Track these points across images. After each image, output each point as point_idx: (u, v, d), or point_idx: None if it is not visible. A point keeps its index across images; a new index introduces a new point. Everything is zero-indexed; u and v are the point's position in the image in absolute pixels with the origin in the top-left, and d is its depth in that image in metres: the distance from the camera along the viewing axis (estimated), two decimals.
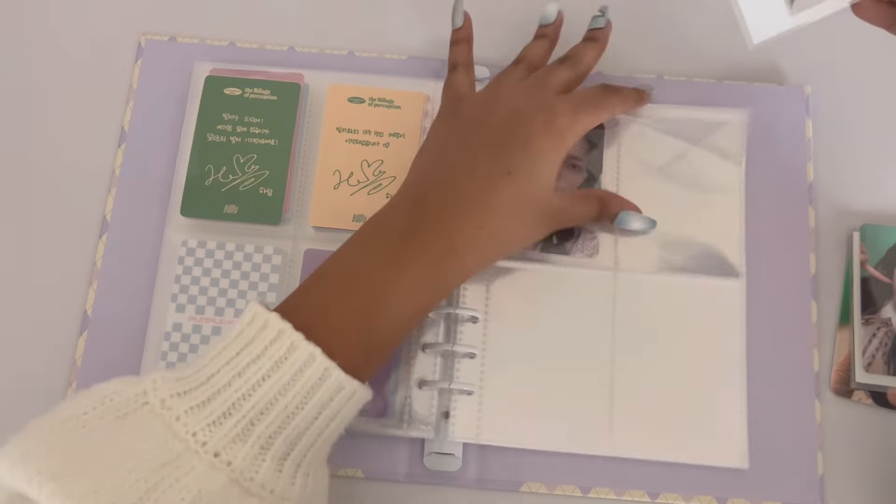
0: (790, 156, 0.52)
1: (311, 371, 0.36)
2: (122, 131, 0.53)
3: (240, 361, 0.36)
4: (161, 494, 0.31)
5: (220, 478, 0.33)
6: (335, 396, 0.36)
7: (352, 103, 0.52)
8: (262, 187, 0.50)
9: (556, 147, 0.44)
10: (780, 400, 0.47)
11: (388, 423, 0.46)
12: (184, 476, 0.32)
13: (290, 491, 0.35)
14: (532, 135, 0.44)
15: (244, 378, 0.35)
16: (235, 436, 0.34)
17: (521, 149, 0.44)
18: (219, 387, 0.35)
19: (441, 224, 0.42)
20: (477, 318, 0.48)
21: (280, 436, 0.35)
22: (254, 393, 0.35)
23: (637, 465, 0.46)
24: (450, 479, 0.46)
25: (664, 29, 0.55)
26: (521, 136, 0.44)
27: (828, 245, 0.51)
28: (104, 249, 0.50)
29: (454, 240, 0.42)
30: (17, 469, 0.31)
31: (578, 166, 0.50)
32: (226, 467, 0.34)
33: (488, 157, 0.44)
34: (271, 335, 0.36)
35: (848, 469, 0.47)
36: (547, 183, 0.44)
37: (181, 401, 0.35)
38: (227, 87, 0.52)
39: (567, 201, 0.46)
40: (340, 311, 0.39)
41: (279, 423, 0.35)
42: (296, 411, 0.35)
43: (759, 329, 0.48)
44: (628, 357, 0.47)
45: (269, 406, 0.35)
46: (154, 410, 0.34)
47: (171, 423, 0.34)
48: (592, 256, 0.49)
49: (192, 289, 0.48)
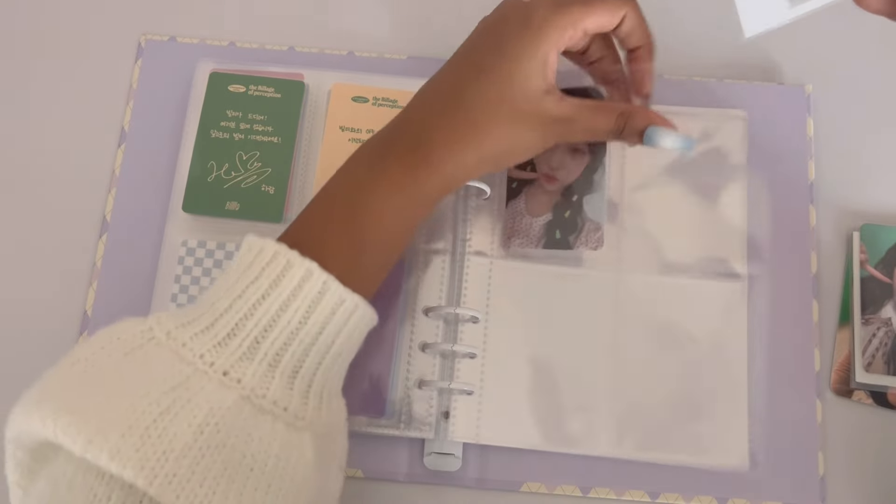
0: (791, 155, 0.52)
1: (310, 286, 0.36)
2: (122, 131, 0.53)
3: (239, 285, 0.36)
4: (174, 416, 0.32)
5: (231, 395, 0.34)
6: (337, 310, 0.36)
7: (355, 102, 0.52)
8: (264, 185, 0.50)
9: (535, 42, 0.41)
10: (781, 400, 0.47)
11: (387, 423, 0.46)
12: (195, 396, 0.33)
13: (303, 410, 0.35)
14: (506, 32, 0.42)
15: (244, 299, 0.36)
16: (242, 354, 0.35)
17: (494, 47, 0.42)
18: (221, 310, 0.36)
19: (412, 132, 0.41)
20: (477, 318, 0.48)
21: (287, 352, 0.36)
22: (255, 312, 0.35)
23: (637, 465, 0.46)
24: (450, 479, 0.46)
25: (664, 28, 0.55)
26: (495, 35, 0.42)
27: (828, 245, 0.51)
28: (104, 249, 0.50)
29: (424, 144, 0.41)
30: (34, 414, 0.32)
31: (580, 149, 0.49)
32: (236, 385, 0.34)
33: (464, 64, 0.43)
34: (267, 257, 0.36)
35: (848, 469, 0.47)
36: (527, 82, 0.41)
37: (186, 330, 0.35)
38: (231, 84, 0.52)
39: (572, 109, 0.42)
40: (324, 225, 0.40)
41: (284, 340, 0.35)
42: (299, 326, 0.36)
43: (760, 329, 0.48)
44: (629, 357, 0.47)
45: (272, 323, 0.35)
46: (160, 342, 0.35)
47: (178, 350, 0.34)
48: (596, 249, 0.48)
49: (192, 289, 0.48)
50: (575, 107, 0.42)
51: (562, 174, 0.49)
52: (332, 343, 0.37)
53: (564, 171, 0.49)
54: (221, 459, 0.32)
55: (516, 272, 0.49)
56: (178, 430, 0.31)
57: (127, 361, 0.34)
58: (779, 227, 0.50)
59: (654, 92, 0.51)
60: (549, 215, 0.49)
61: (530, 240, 0.49)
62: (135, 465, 0.30)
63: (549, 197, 0.49)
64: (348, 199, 0.40)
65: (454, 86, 0.42)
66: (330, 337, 0.37)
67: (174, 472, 0.31)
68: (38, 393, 0.33)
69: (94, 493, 0.31)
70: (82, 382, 0.33)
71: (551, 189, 0.49)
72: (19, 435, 0.34)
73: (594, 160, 0.49)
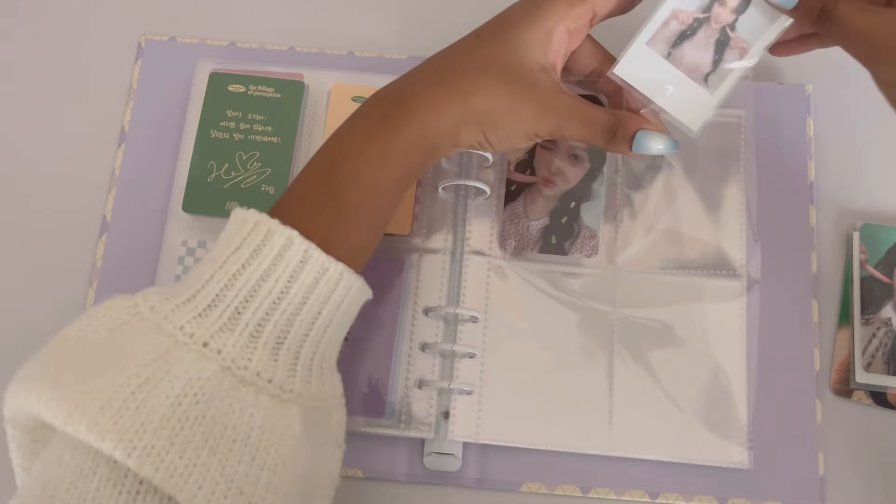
0: (791, 155, 0.52)
1: (290, 254, 0.35)
2: (122, 131, 0.53)
3: (220, 256, 0.36)
4: (152, 388, 0.31)
5: (211, 366, 0.33)
6: (320, 279, 0.36)
7: (355, 102, 0.51)
8: (264, 185, 0.50)
9: (539, 12, 0.40)
10: (781, 400, 0.47)
11: (387, 423, 0.46)
12: (173, 367, 0.32)
13: (290, 382, 0.35)
14: (511, 8, 0.41)
15: (225, 269, 0.35)
16: (223, 325, 0.34)
17: (496, 19, 0.41)
18: (202, 282, 0.35)
19: (396, 87, 0.41)
20: (477, 318, 0.48)
21: (269, 322, 0.35)
22: (235, 282, 0.35)
23: (637, 465, 0.46)
24: (450, 479, 0.46)
25: None
26: (500, 12, 0.42)
27: (828, 245, 0.51)
28: (104, 249, 0.50)
29: (404, 94, 0.40)
30: (21, 391, 0.32)
31: (581, 157, 0.50)
32: (216, 356, 0.34)
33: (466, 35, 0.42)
34: (249, 227, 0.36)
35: (848, 469, 0.47)
36: (526, 50, 0.40)
37: (168, 303, 0.35)
38: (231, 84, 0.52)
39: (569, 98, 0.41)
40: (308, 188, 0.39)
41: (266, 310, 0.35)
42: (281, 296, 0.35)
43: (760, 328, 0.48)
44: (629, 357, 0.47)
45: (252, 293, 0.35)
46: (144, 316, 0.35)
47: (160, 323, 0.34)
48: (591, 257, 0.49)
49: None
50: (571, 97, 0.41)
51: (560, 180, 0.50)
52: (318, 314, 0.36)
53: (563, 177, 0.50)
54: (202, 431, 0.32)
55: (516, 272, 0.49)
56: (155, 402, 0.31)
57: (112, 336, 0.34)
58: (779, 227, 0.50)
59: None
60: (546, 220, 0.49)
61: (526, 243, 0.49)
62: (113, 438, 0.30)
63: (547, 202, 0.49)
64: (327, 159, 0.39)
65: (449, 50, 0.41)
66: (315, 307, 0.36)
67: (152, 444, 0.30)
68: (27, 370, 0.33)
69: (80, 469, 0.31)
70: (68, 358, 0.33)
71: (549, 194, 0.49)
72: (15, 415, 0.34)
73: (593, 169, 0.49)
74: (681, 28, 0.43)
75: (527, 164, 0.50)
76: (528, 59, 0.40)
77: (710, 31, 0.42)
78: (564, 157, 0.50)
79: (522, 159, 0.50)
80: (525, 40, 0.40)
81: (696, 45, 0.43)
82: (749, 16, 0.42)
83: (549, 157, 0.50)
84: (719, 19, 0.43)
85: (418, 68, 0.41)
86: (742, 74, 0.42)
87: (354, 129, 0.40)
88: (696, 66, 0.43)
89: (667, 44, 0.43)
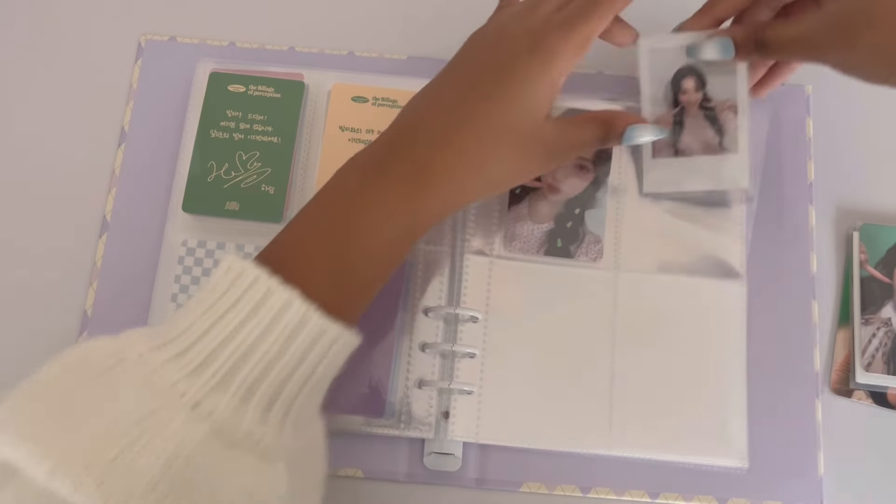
0: (791, 155, 0.52)
1: (289, 316, 0.34)
2: (122, 131, 0.53)
3: (217, 310, 0.34)
4: (141, 448, 0.30)
5: (202, 428, 0.32)
6: (318, 340, 0.35)
7: (355, 102, 0.52)
8: (264, 185, 0.50)
9: (545, 70, 0.41)
10: (780, 400, 0.47)
11: (387, 423, 0.46)
12: (163, 429, 0.31)
13: (278, 441, 0.34)
14: (515, 58, 0.41)
15: (222, 325, 0.34)
16: (216, 384, 0.33)
17: (503, 73, 0.41)
18: (196, 336, 0.34)
19: (413, 152, 0.40)
20: (477, 318, 0.48)
21: (263, 384, 0.34)
22: (232, 340, 0.33)
23: (637, 465, 0.46)
24: (450, 479, 0.46)
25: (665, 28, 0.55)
26: (503, 60, 0.41)
27: (828, 245, 0.51)
28: (104, 249, 0.50)
29: (425, 167, 0.39)
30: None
31: (586, 167, 0.50)
32: (207, 417, 0.32)
33: (467, 84, 0.41)
34: (247, 282, 0.34)
35: (848, 469, 0.47)
36: (535, 109, 0.41)
37: (158, 353, 0.33)
38: (231, 84, 0.52)
39: (564, 129, 0.43)
40: (310, 245, 0.38)
41: (261, 371, 0.34)
42: (277, 357, 0.34)
43: (760, 329, 0.48)
44: (629, 357, 0.48)
45: (248, 353, 0.33)
46: (131, 366, 0.33)
47: (149, 377, 0.33)
48: (596, 261, 0.49)
49: (192, 289, 0.48)
50: (563, 125, 0.43)
51: (566, 186, 0.50)
52: (311, 373, 0.35)
53: (568, 184, 0.50)
54: (189, 497, 0.30)
55: (516, 271, 0.49)
56: (144, 465, 0.30)
57: (95, 386, 0.32)
58: (779, 226, 0.50)
59: None
60: (550, 223, 0.49)
61: (531, 245, 0.49)
62: (97, 501, 0.29)
63: (552, 206, 0.50)
64: (338, 217, 0.38)
65: (457, 107, 0.41)
66: (310, 367, 0.35)
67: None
68: (2, 414, 0.31)
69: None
70: (47, 406, 0.31)
71: (554, 199, 0.50)
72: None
73: (598, 178, 0.50)
74: (669, 129, 0.47)
75: None
76: (538, 115, 0.41)
77: (694, 113, 0.47)
78: (570, 167, 0.50)
79: None
80: (536, 98, 0.41)
81: (693, 131, 0.47)
82: (713, 84, 0.47)
83: None
84: (691, 103, 0.47)
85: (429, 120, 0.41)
86: (747, 122, 0.47)
87: (369, 194, 0.39)
88: (706, 144, 0.47)
89: (669, 147, 0.48)
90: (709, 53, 0.44)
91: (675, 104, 0.47)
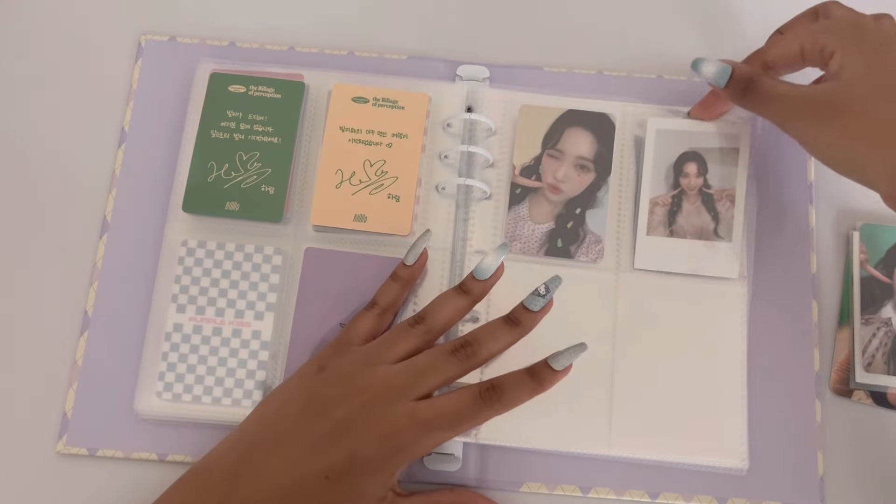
0: (791, 155, 0.52)
1: None
2: (122, 131, 0.53)
3: None
4: None
5: None
6: None
7: (356, 103, 0.52)
8: (264, 185, 0.50)
9: (389, 457, 0.40)
10: (780, 400, 0.47)
11: None
12: None
13: None
14: (363, 445, 0.40)
15: None
16: None
17: (349, 457, 0.40)
18: None
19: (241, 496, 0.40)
20: (478, 318, 0.48)
21: None
22: None
23: (637, 465, 0.46)
24: (450, 479, 0.46)
25: (664, 29, 0.55)
26: (354, 439, 0.40)
27: (828, 245, 0.51)
28: (104, 249, 0.50)
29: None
30: None
31: (587, 167, 0.50)
32: None
33: (314, 448, 0.40)
34: None
35: (848, 469, 0.47)
36: (373, 493, 0.40)
37: None
38: (231, 85, 0.52)
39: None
40: None
41: None
42: None
43: (760, 329, 0.48)
44: (629, 357, 0.48)
45: None
46: None
47: None
48: (597, 261, 0.49)
49: (192, 289, 0.48)
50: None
51: (566, 187, 0.50)
52: None
53: (569, 184, 0.50)
54: None
55: (516, 271, 0.49)
56: None
57: None
58: (779, 227, 0.50)
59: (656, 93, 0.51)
60: (551, 224, 0.49)
61: (532, 246, 0.49)
62: None
63: (552, 207, 0.50)
64: None
65: (298, 482, 0.40)
66: None
67: None
68: None
69: None
70: None
71: (555, 199, 0.50)
72: None
73: (599, 178, 0.50)
74: (665, 209, 0.49)
75: (532, 169, 0.50)
76: (371, 500, 0.40)
77: (692, 198, 0.49)
78: (571, 166, 0.50)
79: (528, 164, 0.50)
80: (374, 487, 0.40)
81: (688, 215, 0.49)
82: (714, 171, 0.49)
83: (555, 165, 0.50)
84: (691, 187, 0.49)
85: (266, 485, 0.40)
86: (744, 213, 0.48)
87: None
88: (700, 229, 0.49)
89: (664, 226, 0.49)
90: (708, 69, 0.45)
91: (676, 186, 0.49)
